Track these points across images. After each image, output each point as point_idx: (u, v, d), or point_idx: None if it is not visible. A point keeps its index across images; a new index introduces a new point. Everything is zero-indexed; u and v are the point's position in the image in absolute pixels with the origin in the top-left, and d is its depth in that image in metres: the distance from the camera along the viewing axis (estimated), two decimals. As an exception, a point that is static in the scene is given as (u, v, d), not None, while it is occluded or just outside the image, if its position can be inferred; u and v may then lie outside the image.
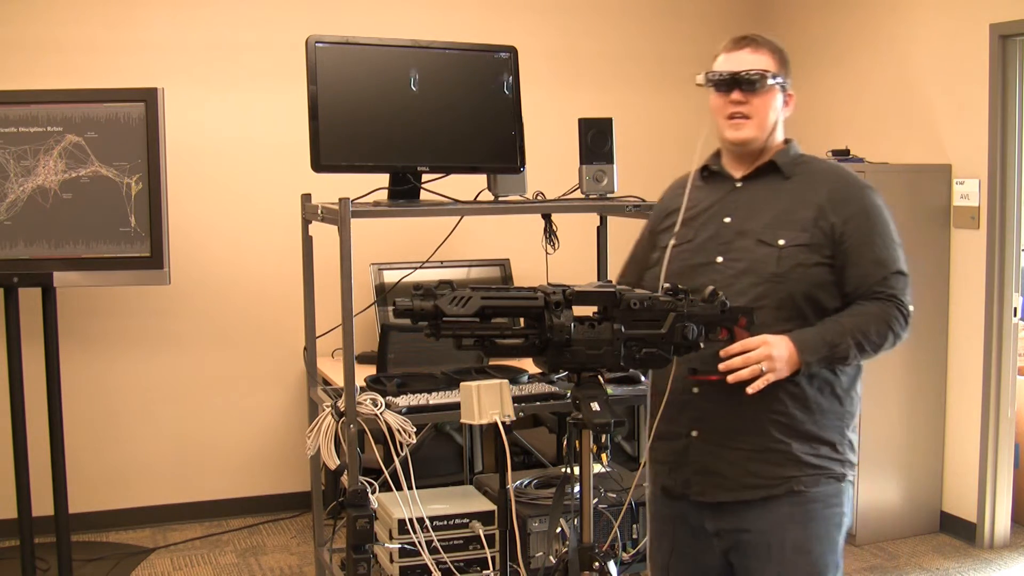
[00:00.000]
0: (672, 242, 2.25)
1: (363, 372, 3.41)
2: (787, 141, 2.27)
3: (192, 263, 4.60)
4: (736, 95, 2.17)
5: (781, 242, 2.14)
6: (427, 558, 2.98)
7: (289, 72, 4.20)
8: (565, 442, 2.28)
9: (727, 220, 2.21)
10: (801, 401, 2.15)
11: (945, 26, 4.45)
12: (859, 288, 2.15)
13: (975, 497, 4.40)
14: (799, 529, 2.15)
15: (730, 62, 2.20)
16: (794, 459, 2.15)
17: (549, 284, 1.98)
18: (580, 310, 2.00)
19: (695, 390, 2.17)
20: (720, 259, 2.19)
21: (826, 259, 2.14)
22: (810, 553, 2.16)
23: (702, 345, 2.03)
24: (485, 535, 3.17)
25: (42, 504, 3.95)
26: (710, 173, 2.31)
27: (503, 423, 2.46)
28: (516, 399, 2.98)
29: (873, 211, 2.18)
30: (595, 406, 1.95)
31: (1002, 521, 4.38)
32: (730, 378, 2.05)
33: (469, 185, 3.30)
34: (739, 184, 2.25)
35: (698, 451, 2.20)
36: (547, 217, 3.45)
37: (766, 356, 2.03)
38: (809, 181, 2.21)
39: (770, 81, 2.17)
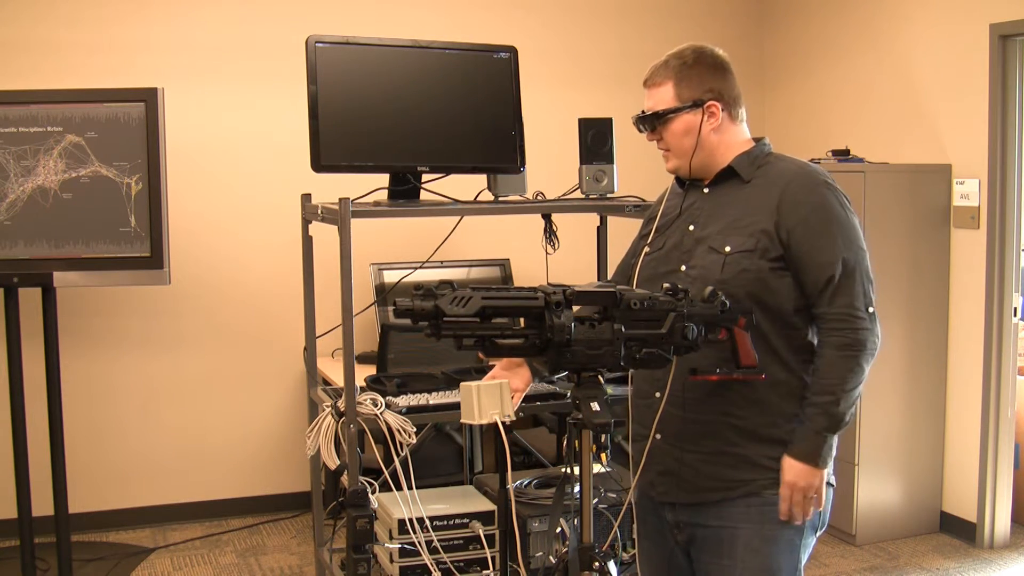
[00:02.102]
0: (646, 250, 2.30)
1: (363, 372, 3.41)
2: (757, 140, 2.26)
3: (192, 263, 4.60)
4: (648, 135, 2.27)
5: (727, 248, 2.15)
6: (427, 558, 2.98)
7: (289, 72, 4.20)
8: (565, 442, 2.28)
9: (691, 228, 2.24)
10: (757, 404, 2.15)
11: (945, 26, 4.45)
12: (811, 295, 2.13)
13: (975, 497, 4.41)
14: (753, 529, 2.16)
15: (645, 101, 2.29)
16: (750, 462, 2.16)
17: (549, 284, 1.98)
18: (580, 310, 2.00)
19: (657, 394, 2.20)
20: (684, 268, 2.22)
21: (773, 263, 2.12)
22: (759, 553, 2.16)
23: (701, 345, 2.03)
24: (485, 535, 3.17)
25: (42, 504, 3.95)
26: (689, 181, 2.33)
27: (503, 423, 2.46)
28: (516, 399, 2.96)
29: (823, 211, 2.13)
30: (595, 406, 1.95)
31: (1002, 521, 4.38)
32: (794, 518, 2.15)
33: (469, 185, 3.30)
34: (706, 191, 2.27)
35: (660, 453, 2.23)
36: (547, 217, 3.45)
37: (799, 492, 2.11)
38: (766, 184, 2.20)
39: (664, 117, 2.22)
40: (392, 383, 3.27)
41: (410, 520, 2.97)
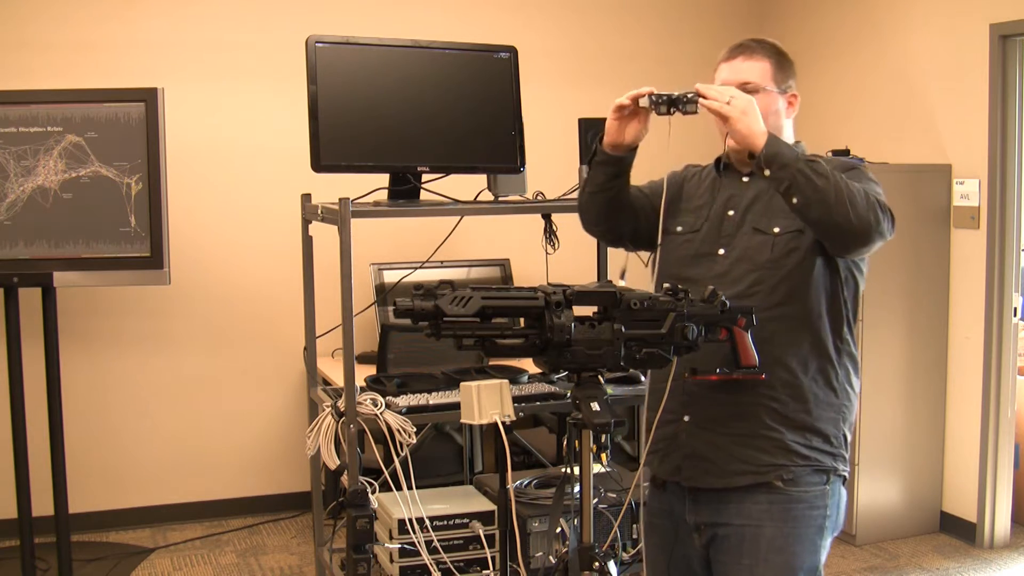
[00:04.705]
0: (678, 229, 2.29)
1: (363, 372, 3.40)
2: (796, 143, 2.27)
3: (192, 263, 4.60)
4: None
5: (776, 229, 2.15)
6: (427, 558, 2.98)
7: (289, 72, 4.20)
8: (565, 442, 2.28)
9: (731, 214, 2.24)
10: (795, 389, 2.15)
11: (945, 26, 4.45)
12: None
13: (975, 497, 4.41)
14: (777, 526, 2.15)
15: (727, 71, 2.23)
16: (784, 447, 2.15)
17: (549, 284, 1.99)
18: (580, 310, 2.00)
19: (686, 375, 2.18)
20: (722, 251, 2.22)
21: (822, 246, 2.13)
22: (783, 551, 2.14)
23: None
24: (485, 535, 3.17)
25: (42, 504, 3.95)
26: (724, 166, 2.32)
27: (503, 423, 2.46)
28: (516, 399, 2.98)
29: (851, 169, 2.17)
30: (595, 406, 1.95)
31: (1002, 521, 4.38)
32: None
33: (469, 185, 3.30)
34: (745, 179, 2.27)
35: (689, 435, 2.20)
36: (547, 217, 3.45)
37: (738, 97, 2.03)
38: None
39: (765, 89, 2.19)
40: (392, 383, 3.27)
41: (410, 520, 2.96)
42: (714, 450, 2.18)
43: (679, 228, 2.29)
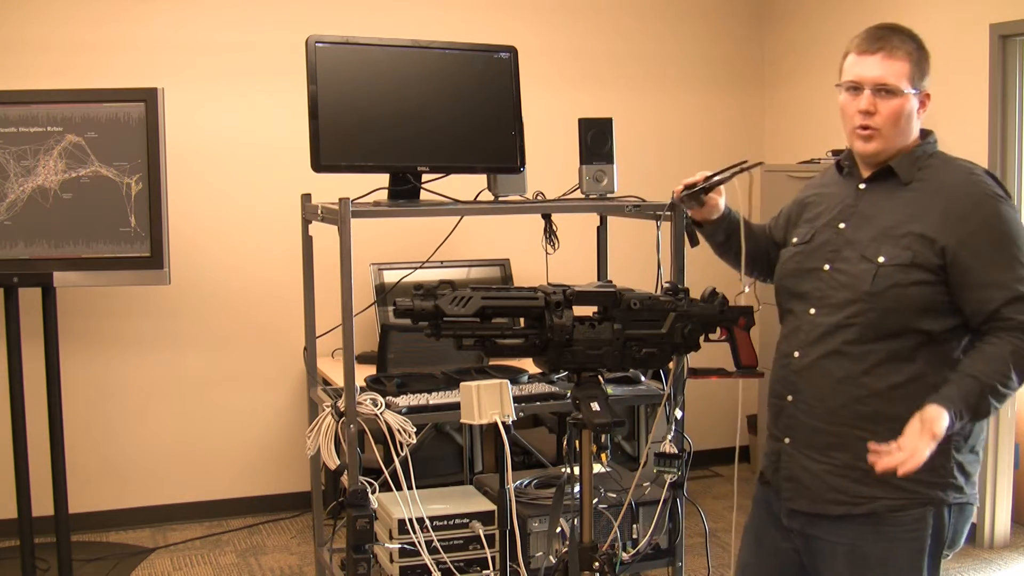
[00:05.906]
0: (794, 240, 2.24)
1: (363, 372, 3.40)
2: (925, 135, 2.14)
3: (192, 263, 4.60)
4: (867, 103, 2.07)
5: (881, 259, 2.02)
6: (427, 558, 2.98)
7: (289, 72, 4.20)
8: (565, 442, 2.28)
9: (842, 226, 2.13)
10: (894, 421, 2.01)
11: (945, 26, 4.45)
12: (977, 314, 1.99)
13: (975, 497, 4.40)
14: (871, 546, 2.08)
15: (859, 67, 2.10)
16: (879, 479, 2.01)
17: (549, 284, 1.99)
18: (580, 310, 2.00)
19: (789, 398, 2.15)
20: (827, 267, 2.12)
21: (932, 279, 2.00)
22: (877, 569, 2.08)
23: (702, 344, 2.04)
24: (485, 535, 3.17)
25: (42, 504, 3.95)
26: (844, 169, 2.23)
27: (503, 423, 2.46)
28: (516, 399, 2.98)
29: (995, 227, 1.99)
30: (595, 406, 1.95)
31: (1002, 521, 4.38)
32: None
33: (469, 185, 3.30)
34: (861, 187, 2.16)
35: (788, 458, 2.18)
36: (547, 217, 3.45)
37: (905, 446, 1.92)
38: (928, 191, 2.05)
39: (902, 92, 2.06)
40: (392, 383, 3.27)
41: (410, 520, 2.97)
42: (809, 476, 2.13)
43: (795, 239, 2.23)
